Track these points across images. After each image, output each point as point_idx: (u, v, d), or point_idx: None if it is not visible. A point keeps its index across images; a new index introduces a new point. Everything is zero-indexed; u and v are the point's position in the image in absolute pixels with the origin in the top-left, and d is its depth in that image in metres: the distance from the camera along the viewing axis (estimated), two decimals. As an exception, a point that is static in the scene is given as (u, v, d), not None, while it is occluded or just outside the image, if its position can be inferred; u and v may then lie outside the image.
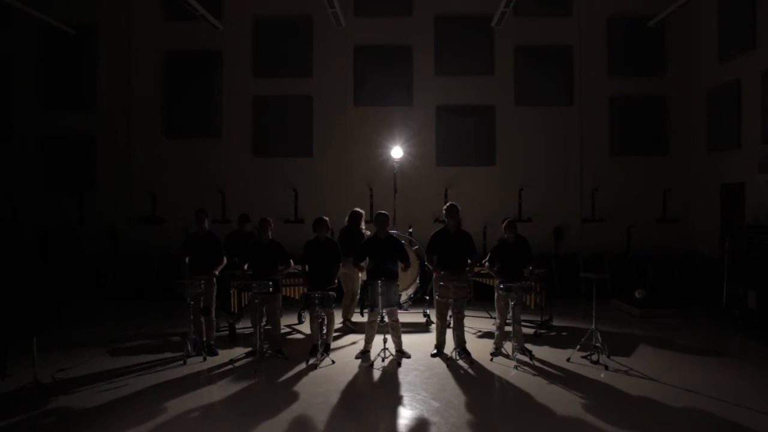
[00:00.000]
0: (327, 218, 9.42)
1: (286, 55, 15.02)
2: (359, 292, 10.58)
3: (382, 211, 9.11)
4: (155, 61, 15.10)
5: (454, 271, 8.82)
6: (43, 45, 15.04)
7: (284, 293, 10.09)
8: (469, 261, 9.02)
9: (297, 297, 10.53)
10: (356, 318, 10.97)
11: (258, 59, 15.08)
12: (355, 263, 9.00)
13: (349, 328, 10.52)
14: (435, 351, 8.96)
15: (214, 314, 9.14)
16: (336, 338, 9.85)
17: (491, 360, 8.64)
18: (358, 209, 10.99)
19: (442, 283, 8.68)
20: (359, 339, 9.46)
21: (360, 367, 8.40)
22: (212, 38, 14.75)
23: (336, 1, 12.76)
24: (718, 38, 13.71)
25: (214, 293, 9.11)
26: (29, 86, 15.14)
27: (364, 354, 8.85)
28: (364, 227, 10.85)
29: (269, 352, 8.87)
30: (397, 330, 8.79)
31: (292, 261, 9.26)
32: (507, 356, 8.68)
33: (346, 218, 10.85)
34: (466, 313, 9.00)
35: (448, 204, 9.21)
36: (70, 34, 14.56)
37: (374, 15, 14.85)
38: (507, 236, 9.05)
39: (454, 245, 8.87)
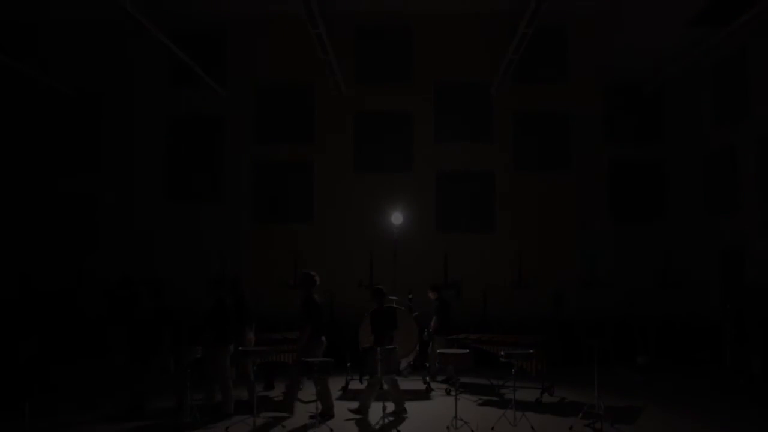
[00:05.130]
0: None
1: (288, 121, 15.31)
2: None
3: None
4: (158, 125, 15.37)
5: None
6: (47, 108, 15.30)
7: (278, 359, 10.05)
8: None
9: (290, 363, 10.35)
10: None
11: (260, 125, 15.35)
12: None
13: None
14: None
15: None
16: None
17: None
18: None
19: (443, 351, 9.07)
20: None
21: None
22: (215, 104, 15.08)
23: (337, 68, 13.05)
24: (713, 105, 13.99)
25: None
26: (33, 149, 15.33)
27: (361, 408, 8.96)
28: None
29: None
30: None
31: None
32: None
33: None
34: (467, 380, 8.96)
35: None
36: (74, 98, 14.88)
37: (375, 82, 15.20)
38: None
39: None
